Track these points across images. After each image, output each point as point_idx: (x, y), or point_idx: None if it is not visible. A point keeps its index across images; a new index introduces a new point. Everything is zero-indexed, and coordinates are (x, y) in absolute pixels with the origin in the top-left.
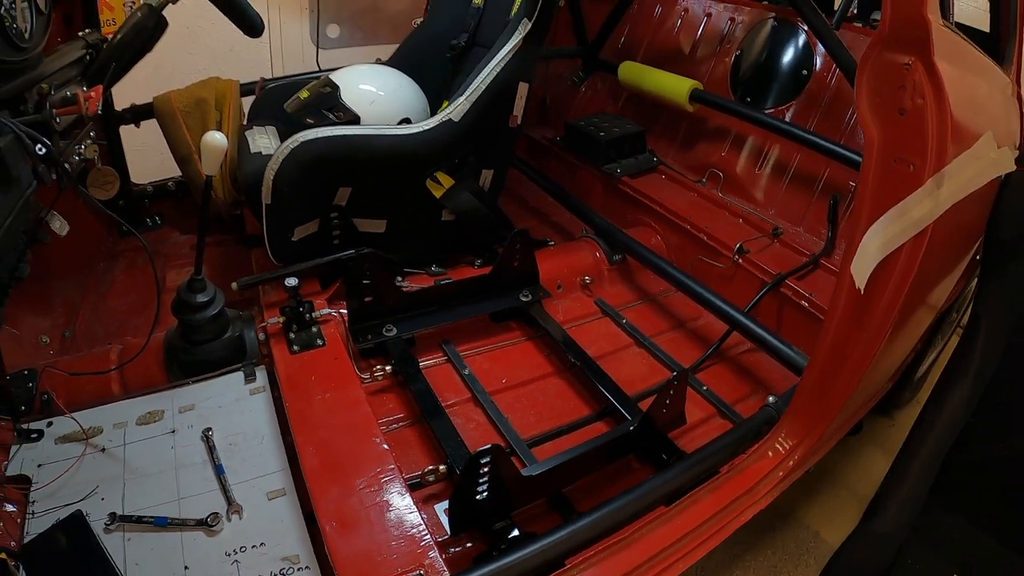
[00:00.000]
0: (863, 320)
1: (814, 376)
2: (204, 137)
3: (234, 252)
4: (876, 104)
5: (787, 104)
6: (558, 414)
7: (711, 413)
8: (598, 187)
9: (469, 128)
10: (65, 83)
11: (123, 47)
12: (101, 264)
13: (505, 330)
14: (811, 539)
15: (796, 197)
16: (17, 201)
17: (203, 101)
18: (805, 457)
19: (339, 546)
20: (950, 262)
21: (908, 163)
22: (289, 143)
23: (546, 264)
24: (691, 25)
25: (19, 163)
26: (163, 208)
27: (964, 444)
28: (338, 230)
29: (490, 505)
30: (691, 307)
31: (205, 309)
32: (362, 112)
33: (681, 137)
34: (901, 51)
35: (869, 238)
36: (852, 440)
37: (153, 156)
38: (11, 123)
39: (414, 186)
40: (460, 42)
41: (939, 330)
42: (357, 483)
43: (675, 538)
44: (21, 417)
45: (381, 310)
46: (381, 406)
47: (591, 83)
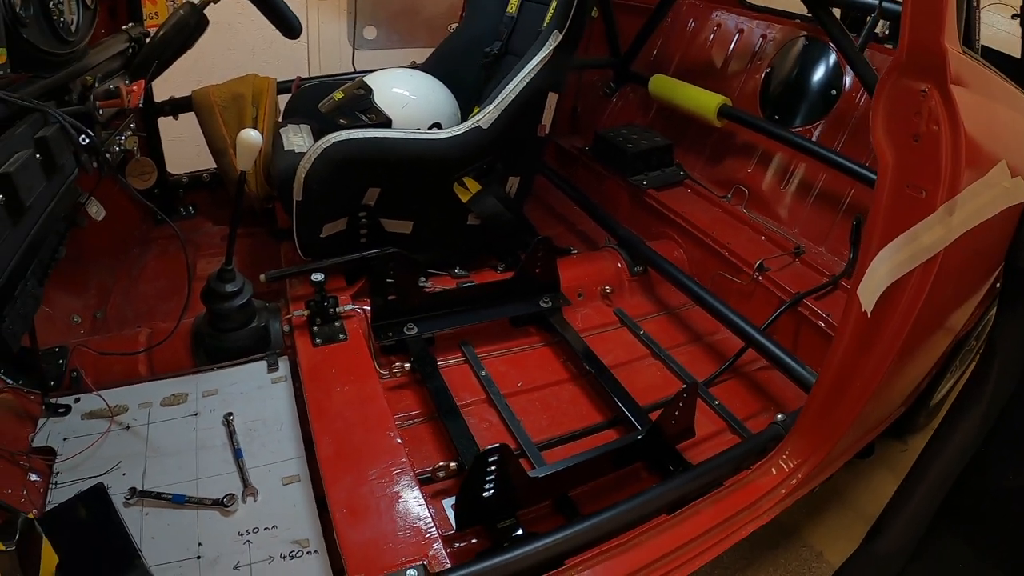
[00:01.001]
0: (870, 343)
1: (820, 396)
2: (240, 134)
3: (264, 245)
4: (891, 129)
5: (815, 123)
6: (570, 420)
7: (721, 428)
8: (624, 198)
9: (497, 135)
10: (108, 75)
11: (165, 44)
12: (134, 250)
13: (524, 335)
14: (814, 559)
15: (820, 217)
16: (60, 187)
17: (240, 97)
18: (809, 476)
19: (348, 532)
20: (964, 289)
21: (921, 189)
22: (322, 143)
23: (568, 272)
24: (723, 40)
25: (63, 151)
26: (197, 198)
27: (975, 472)
28: (365, 229)
29: (496, 503)
30: (709, 322)
31: (233, 298)
32: (394, 115)
33: (708, 152)
34: (917, 77)
35: (878, 262)
36: (863, 463)
37: (189, 147)
38: (57, 113)
39: (441, 190)
40: (493, 50)
41: (956, 357)
42: (369, 474)
43: (675, 546)
44: (50, 392)
45: (403, 309)
46: (398, 402)
47: (622, 94)
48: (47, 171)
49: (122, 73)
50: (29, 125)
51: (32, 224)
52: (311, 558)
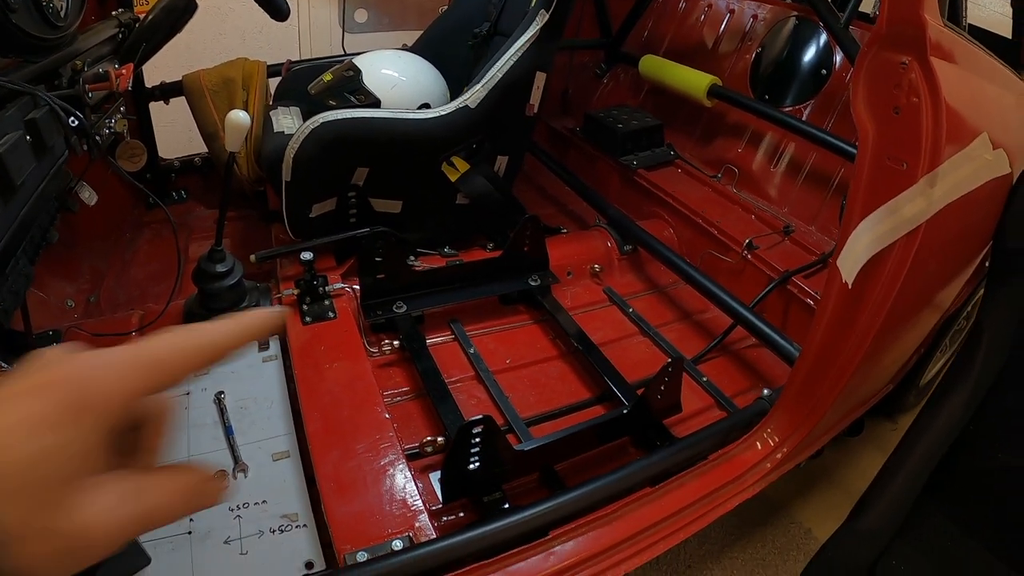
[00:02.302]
0: (853, 317)
1: (804, 371)
2: (228, 115)
3: (255, 227)
4: (872, 101)
5: (805, 103)
6: (558, 396)
7: (709, 404)
8: (615, 178)
9: (485, 115)
10: (98, 60)
11: (154, 27)
12: (127, 234)
13: (513, 312)
14: (802, 536)
15: (810, 196)
16: (50, 168)
17: (231, 81)
18: (794, 450)
19: (335, 506)
20: (950, 266)
21: (901, 161)
22: (310, 123)
23: (557, 251)
24: (714, 21)
25: (53, 133)
26: (189, 183)
27: (962, 451)
28: (355, 209)
29: (482, 476)
30: (698, 300)
31: (224, 278)
32: (383, 96)
33: (699, 132)
34: (897, 50)
35: (859, 233)
36: (852, 441)
37: (181, 133)
38: (47, 96)
39: (430, 169)
40: (482, 31)
41: (945, 336)
42: (357, 448)
43: (659, 518)
44: None
45: (392, 287)
46: (387, 379)
47: (613, 75)
48: (37, 152)
49: (112, 58)
50: (19, 108)
51: (22, 203)
52: (300, 531)
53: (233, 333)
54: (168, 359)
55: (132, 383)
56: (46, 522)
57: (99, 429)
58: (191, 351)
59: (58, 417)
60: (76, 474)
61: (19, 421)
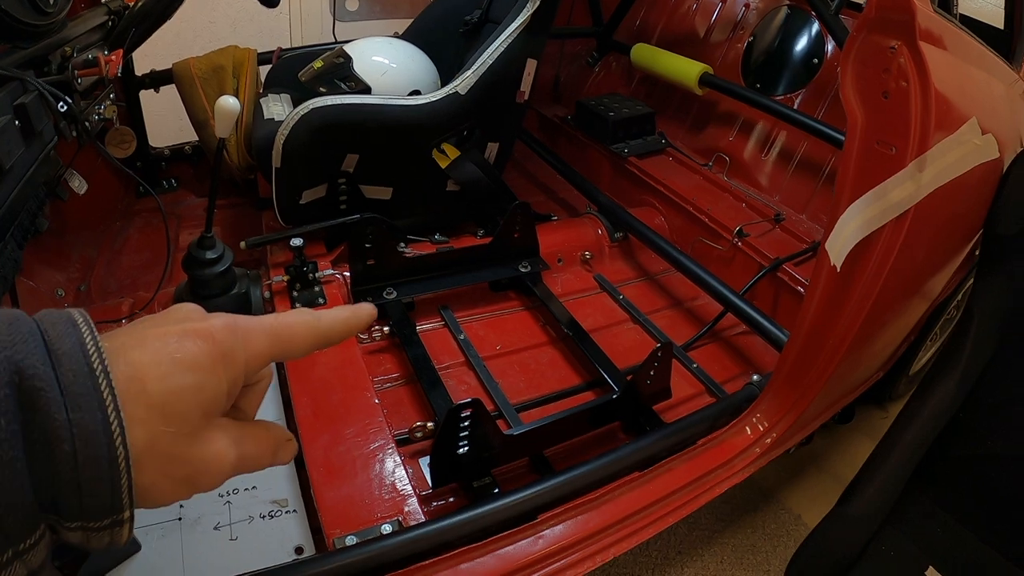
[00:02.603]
0: (841, 301)
1: (792, 356)
2: (218, 101)
3: (246, 215)
4: (860, 86)
5: (797, 91)
6: (548, 382)
7: (700, 390)
8: (606, 166)
9: (475, 101)
10: (88, 47)
11: (144, 14)
12: (117, 223)
13: (503, 299)
14: (792, 522)
15: (801, 184)
16: (39, 154)
17: (221, 68)
18: (783, 436)
19: (324, 490)
20: (940, 252)
21: (890, 146)
22: (300, 109)
23: (548, 238)
24: (706, 9)
25: (42, 118)
26: (179, 171)
27: (953, 438)
28: (345, 195)
29: (471, 461)
30: (689, 287)
31: (214, 265)
32: (373, 83)
33: (691, 120)
34: (886, 34)
35: (847, 217)
36: (843, 428)
37: (172, 121)
38: (36, 81)
39: (420, 155)
40: (473, 18)
41: (936, 324)
42: (346, 433)
43: (647, 502)
44: None
45: (383, 273)
46: (377, 365)
47: (605, 64)
48: (26, 137)
49: (101, 45)
50: (8, 93)
51: (11, 188)
52: (290, 517)
53: (348, 321)
54: (296, 334)
55: (266, 348)
56: (182, 449)
57: (232, 380)
58: (315, 331)
59: (209, 362)
60: (210, 413)
61: (177, 358)
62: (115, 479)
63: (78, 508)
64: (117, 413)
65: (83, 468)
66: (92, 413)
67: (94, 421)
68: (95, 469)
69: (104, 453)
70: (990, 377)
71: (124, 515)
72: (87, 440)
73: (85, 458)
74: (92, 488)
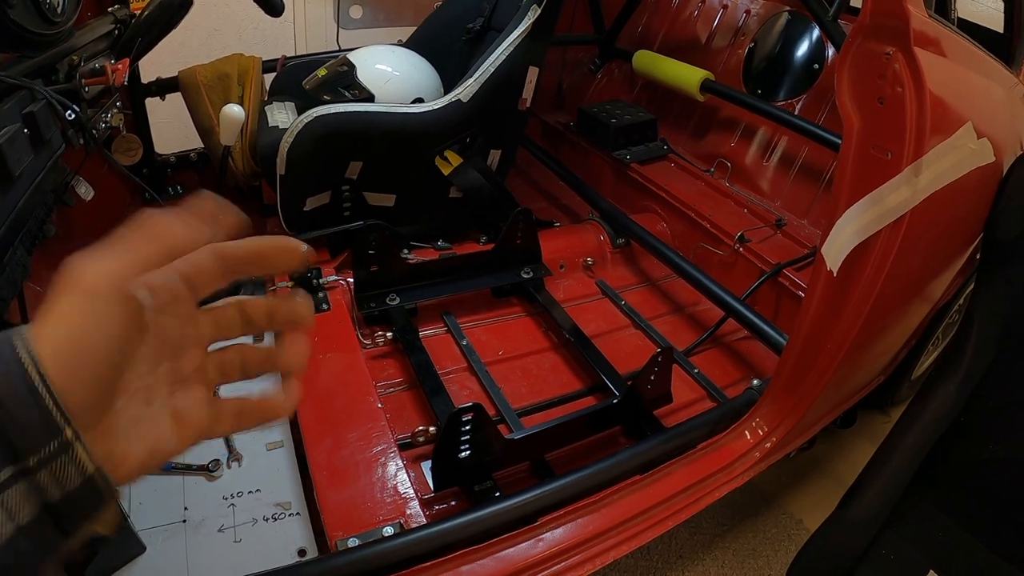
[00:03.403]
0: (840, 306)
1: (792, 360)
2: (223, 109)
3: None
4: (856, 92)
5: (797, 97)
6: (550, 387)
7: (700, 395)
8: (608, 173)
9: (478, 109)
10: (94, 56)
11: (150, 23)
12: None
13: (506, 305)
14: (793, 526)
15: (802, 189)
16: (47, 161)
17: (226, 76)
18: (784, 440)
19: (327, 493)
20: (939, 257)
21: (886, 151)
22: (304, 117)
23: (550, 244)
24: (707, 16)
25: (50, 126)
26: (184, 178)
27: (954, 443)
28: (349, 202)
29: (473, 464)
30: (690, 293)
31: None
32: (377, 91)
33: (692, 126)
34: (881, 40)
35: (844, 222)
36: (844, 433)
37: (178, 129)
38: (44, 90)
39: (423, 163)
40: (476, 26)
41: (937, 329)
42: (349, 437)
43: (647, 505)
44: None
45: (386, 280)
46: (380, 370)
47: (607, 70)
48: (35, 145)
49: (108, 54)
50: (17, 102)
51: (20, 195)
52: (293, 519)
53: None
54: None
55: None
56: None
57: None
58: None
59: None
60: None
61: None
62: (40, 403)
63: (23, 440)
64: (28, 354)
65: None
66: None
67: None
68: (16, 399)
69: (21, 383)
70: (991, 380)
71: (67, 434)
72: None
73: (7, 390)
74: (24, 417)
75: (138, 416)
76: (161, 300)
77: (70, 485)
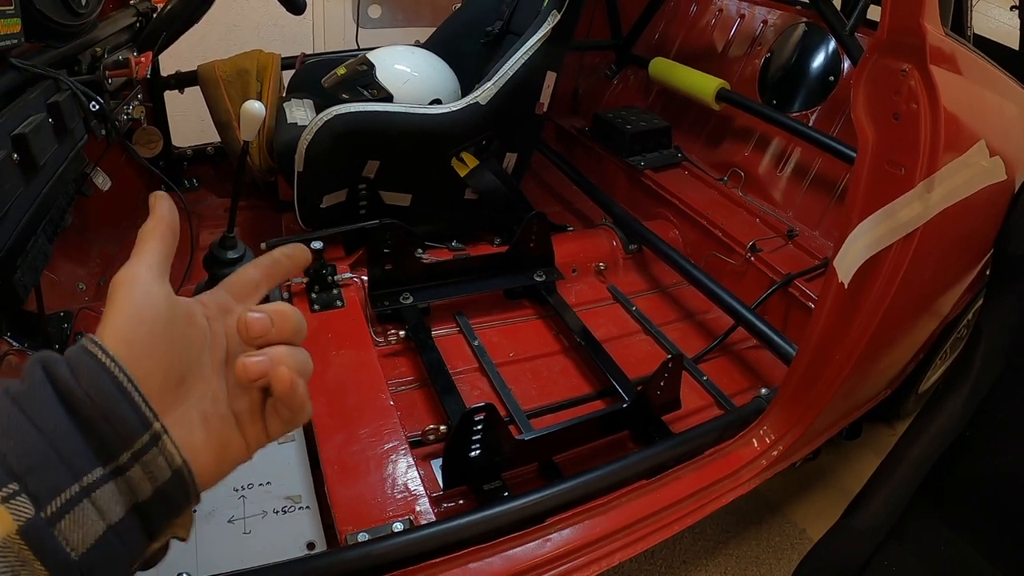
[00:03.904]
0: (849, 317)
1: (800, 370)
2: (244, 105)
3: (266, 217)
4: (872, 107)
5: (812, 108)
6: (560, 390)
7: (709, 403)
8: (622, 178)
9: (495, 112)
10: (116, 48)
11: (172, 17)
12: (138, 220)
13: (517, 307)
14: (797, 536)
15: (815, 201)
16: (70, 151)
17: (245, 72)
18: (790, 449)
19: (338, 488)
20: (949, 271)
21: (900, 166)
22: (324, 115)
23: (563, 248)
24: (724, 25)
25: (74, 117)
26: (200, 171)
27: (960, 456)
28: (365, 201)
29: (483, 464)
30: (701, 300)
31: (234, 264)
32: (395, 91)
33: (707, 134)
34: (897, 57)
35: (856, 235)
36: (850, 445)
37: (194, 123)
38: (69, 81)
39: (440, 164)
40: (494, 29)
41: (945, 343)
42: (361, 433)
43: (654, 509)
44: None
45: (400, 278)
46: (392, 368)
47: (623, 77)
48: (58, 135)
49: (130, 46)
50: (42, 91)
51: (44, 183)
52: (303, 513)
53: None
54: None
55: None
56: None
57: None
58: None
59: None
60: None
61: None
62: (129, 397)
63: (115, 436)
64: (107, 356)
65: (99, 400)
66: (90, 366)
67: (91, 368)
68: (107, 398)
69: (108, 384)
70: (998, 395)
71: (156, 426)
72: (92, 382)
73: (96, 392)
74: (115, 413)
75: (207, 413)
76: (211, 311)
77: (160, 478)
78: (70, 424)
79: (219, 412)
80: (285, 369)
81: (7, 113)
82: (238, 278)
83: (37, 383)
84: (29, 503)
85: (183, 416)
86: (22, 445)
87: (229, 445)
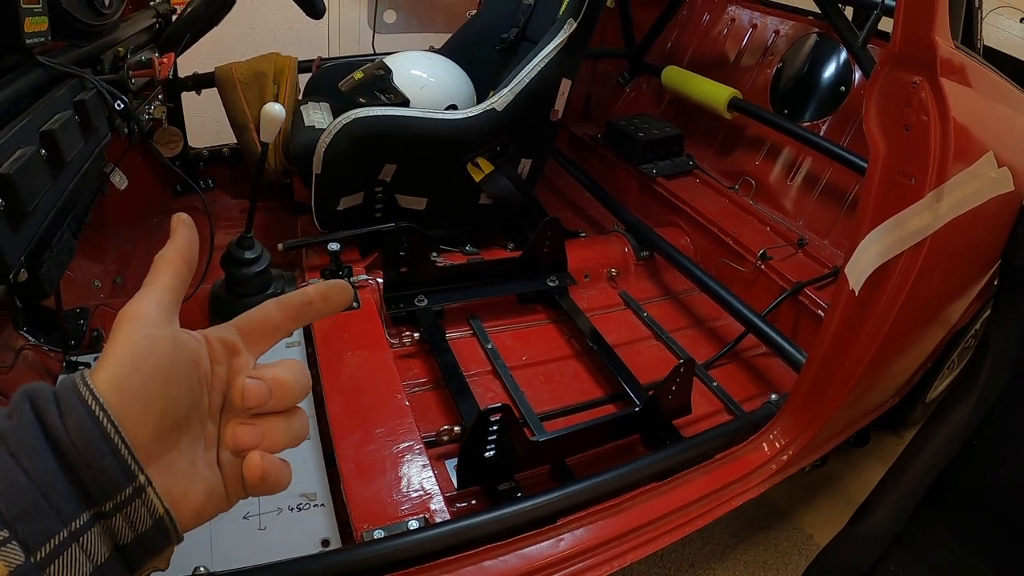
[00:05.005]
0: (859, 325)
1: (810, 377)
2: (264, 107)
3: (281, 218)
4: (883, 119)
5: (823, 118)
6: (572, 393)
7: (718, 408)
8: (634, 186)
9: (511, 118)
10: (138, 48)
11: (194, 19)
12: (154, 219)
13: (530, 311)
14: (804, 541)
15: (825, 210)
16: (95, 148)
17: (262, 74)
18: (799, 454)
19: (354, 486)
20: (957, 281)
21: (910, 176)
22: (342, 119)
23: (576, 254)
24: (737, 35)
25: (99, 115)
26: (216, 172)
27: (966, 466)
28: (381, 204)
29: (497, 464)
30: (712, 307)
31: (251, 265)
32: (412, 96)
33: (718, 143)
34: (909, 70)
35: (866, 244)
36: (857, 452)
37: (210, 124)
38: (95, 80)
39: (455, 169)
40: (510, 36)
41: (953, 352)
42: (376, 432)
43: (664, 512)
44: (71, 351)
45: (415, 281)
46: (407, 369)
47: (636, 84)
48: (84, 132)
49: (151, 46)
50: (68, 89)
51: (70, 179)
52: (318, 510)
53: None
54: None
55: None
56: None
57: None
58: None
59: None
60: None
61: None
62: (115, 449)
63: (98, 486)
64: (97, 403)
65: (83, 450)
66: (79, 412)
67: (79, 415)
68: (92, 449)
69: (94, 434)
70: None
71: (140, 479)
72: (79, 430)
73: (82, 441)
74: (100, 464)
75: (196, 460)
76: (217, 354)
77: (142, 527)
78: (57, 470)
79: (208, 460)
80: (257, 457)
81: (35, 110)
82: (256, 317)
83: (26, 422)
84: (19, 549)
85: (171, 463)
86: (11, 490)
87: (212, 495)
